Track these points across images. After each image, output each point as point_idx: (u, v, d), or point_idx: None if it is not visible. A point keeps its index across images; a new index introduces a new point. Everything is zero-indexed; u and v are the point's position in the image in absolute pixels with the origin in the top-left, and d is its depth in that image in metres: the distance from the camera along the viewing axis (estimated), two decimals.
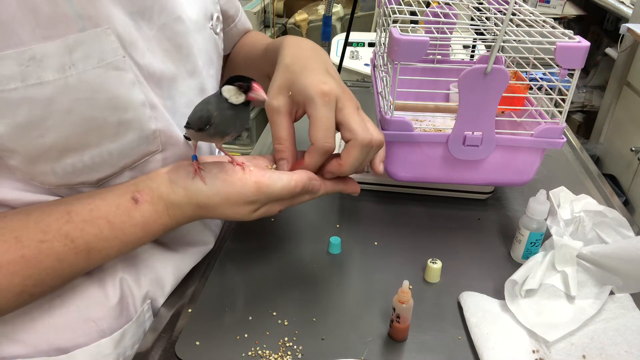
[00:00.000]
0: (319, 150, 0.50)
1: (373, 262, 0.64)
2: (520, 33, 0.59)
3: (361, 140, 0.49)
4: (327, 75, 0.51)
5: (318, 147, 0.49)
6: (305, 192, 0.51)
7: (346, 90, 0.52)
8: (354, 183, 0.56)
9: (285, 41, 0.58)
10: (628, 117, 2.03)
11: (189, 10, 0.54)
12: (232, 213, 0.49)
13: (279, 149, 0.52)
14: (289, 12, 2.65)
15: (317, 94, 0.49)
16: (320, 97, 0.49)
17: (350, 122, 0.50)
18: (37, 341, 0.49)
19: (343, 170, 0.51)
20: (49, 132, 0.41)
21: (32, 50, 0.38)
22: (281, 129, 0.52)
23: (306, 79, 0.50)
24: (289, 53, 0.55)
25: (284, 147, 0.52)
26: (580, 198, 0.65)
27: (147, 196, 0.48)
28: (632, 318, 0.54)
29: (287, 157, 0.52)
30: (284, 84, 0.52)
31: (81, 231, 0.45)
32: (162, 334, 0.54)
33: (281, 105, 0.51)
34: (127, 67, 0.44)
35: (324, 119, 0.49)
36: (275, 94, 0.52)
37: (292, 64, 0.53)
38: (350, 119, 0.50)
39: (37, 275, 0.43)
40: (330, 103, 0.49)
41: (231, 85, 0.45)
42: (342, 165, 0.51)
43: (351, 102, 0.51)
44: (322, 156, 0.50)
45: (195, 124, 0.46)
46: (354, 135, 0.49)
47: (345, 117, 0.50)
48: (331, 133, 0.49)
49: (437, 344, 0.52)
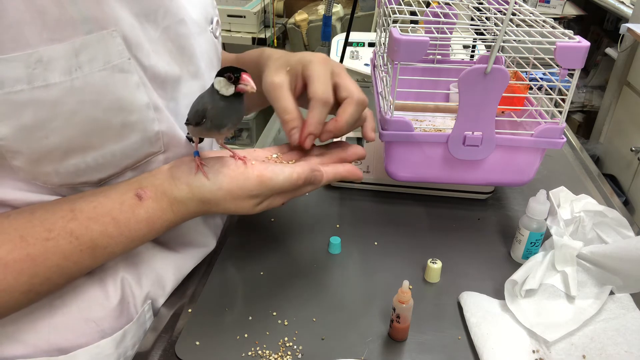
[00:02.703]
0: (319, 101, 0.52)
1: (373, 262, 0.64)
2: (520, 33, 0.59)
3: (357, 97, 0.54)
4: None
5: (319, 98, 0.52)
6: (307, 183, 0.51)
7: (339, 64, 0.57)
8: (355, 169, 0.56)
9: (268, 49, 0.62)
10: (628, 117, 2.03)
11: (192, 12, 0.54)
12: (236, 207, 0.49)
13: (288, 119, 0.54)
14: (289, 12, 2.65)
15: (313, 56, 0.55)
16: (316, 58, 0.55)
17: (346, 83, 0.54)
18: (38, 341, 0.49)
19: (339, 126, 0.54)
20: (54, 133, 0.42)
21: (39, 53, 0.38)
22: (286, 100, 0.54)
23: (301, 55, 0.56)
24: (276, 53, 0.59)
25: (292, 117, 0.53)
26: (580, 198, 0.65)
27: (150, 193, 0.48)
28: (632, 318, 0.54)
29: (297, 124, 0.54)
30: (281, 65, 0.56)
31: (86, 228, 0.45)
32: (162, 334, 0.54)
33: (282, 80, 0.54)
34: (132, 69, 0.44)
35: (322, 75, 0.53)
36: (274, 73, 0.55)
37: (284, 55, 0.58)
38: (346, 80, 0.55)
39: (43, 273, 0.44)
40: (326, 64, 0.55)
41: (221, 77, 0.45)
42: (338, 121, 0.54)
43: (344, 70, 0.56)
44: (323, 108, 0.53)
45: (193, 119, 0.47)
46: (350, 93, 0.54)
47: (341, 79, 0.55)
48: (329, 88, 0.53)
49: (437, 344, 0.52)
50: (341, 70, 0.55)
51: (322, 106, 0.53)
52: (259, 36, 2.37)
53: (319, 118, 0.53)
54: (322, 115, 0.53)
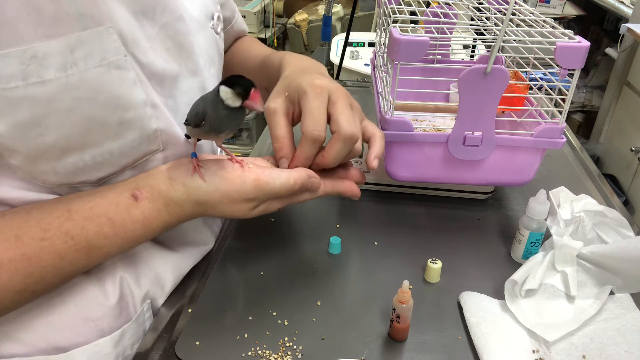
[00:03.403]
0: (308, 138, 0.51)
1: (373, 262, 0.64)
2: (520, 33, 0.59)
3: (344, 133, 0.50)
4: (321, 76, 0.54)
5: (307, 135, 0.50)
6: (304, 190, 0.51)
7: (341, 88, 0.54)
8: (354, 186, 0.56)
9: (286, 57, 0.60)
10: (628, 117, 2.03)
11: (191, 9, 0.54)
12: (232, 210, 0.49)
13: (277, 147, 0.53)
14: (289, 12, 2.65)
15: (310, 86, 0.51)
16: (312, 89, 0.51)
17: (338, 115, 0.51)
18: (36, 340, 0.49)
19: (325, 161, 0.52)
20: (50, 131, 0.41)
21: (34, 49, 0.38)
22: (279, 128, 0.53)
23: (301, 79, 0.53)
24: (289, 67, 0.58)
25: (282, 145, 0.53)
26: (580, 198, 0.64)
27: (146, 193, 0.48)
28: (632, 318, 0.54)
29: (286, 154, 0.53)
30: (282, 89, 0.54)
31: (82, 229, 0.45)
32: (162, 334, 0.54)
33: (277, 106, 0.53)
34: (128, 66, 0.44)
35: (315, 109, 0.51)
36: (273, 98, 0.54)
37: (291, 74, 0.56)
38: (339, 112, 0.51)
39: (39, 273, 0.43)
40: (322, 95, 0.51)
41: (230, 88, 0.44)
42: (324, 157, 0.52)
43: (344, 98, 0.53)
44: (312, 145, 0.51)
45: (192, 120, 0.47)
46: (338, 127, 0.51)
47: (336, 110, 0.52)
48: (321, 123, 0.51)
49: (437, 344, 0.52)
50: (338, 98, 0.52)
51: (312, 143, 0.51)
52: (259, 36, 2.38)
53: (306, 155, 0.52)
54: (311, 152, 0.52)
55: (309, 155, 0.52)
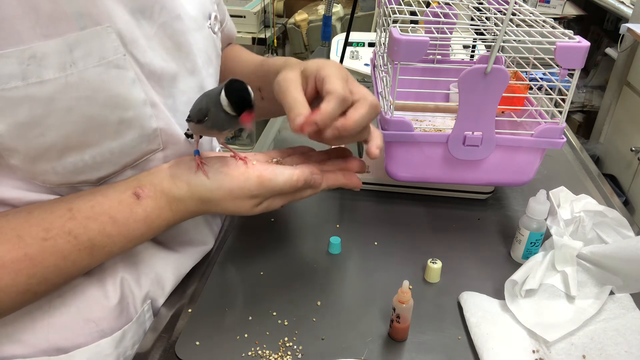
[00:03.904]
0: (338, 97, 0.47)
1: (373, 262, 0.64)
2: (520, 33, 0.59)
3: (371, 100, 0.49)
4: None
5: (338, 94, 0.47)
6: (307, 186, 0.51)
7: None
8: (354, 177, 0.56)
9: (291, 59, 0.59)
10: (628, 117, 2.03)
11: (189, 8, 0.54)
12: (235, 207, 0.49)
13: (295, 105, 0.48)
14: (289, 12, 2.65)
15: (328, 63, 0.51)
16: (332, 63, 0.51)
17: (360, 89, 0.50)
18: (37, 341, 0.49)
19: (348, 124, 0.48)
20: (50, 131, 0.41)
21: (33, 49, 0.38)
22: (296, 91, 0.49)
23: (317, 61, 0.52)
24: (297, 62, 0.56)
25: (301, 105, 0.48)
26: (580, 198, 0.65)
27: (149, 191, 0.48)
28: (632, 318, 0.54)
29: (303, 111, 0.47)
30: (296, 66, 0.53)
31: (84, 228, 0.45)
32: (162, 334, 0.54)
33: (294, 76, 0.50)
34: (127, 65, 0.44)
35: (340, 76, 0.49)
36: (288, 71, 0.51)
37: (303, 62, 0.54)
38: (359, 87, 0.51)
39: (41, 273, 0.43)
40: (342, 69, 0.51)
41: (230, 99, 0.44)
42: (347, 119, 0.48)
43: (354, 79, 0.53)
44: (339, 104, 0.47)
45: (195, 116, 0.47)
46: (364, 96, 0.49)
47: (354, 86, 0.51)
48: (347, 88, 0.48)
49: (437, 344, 0.52)
50: (353, 78, 0.52)
51: (339, 102, 0.47)
52: (259, 36, 2.37)
53: (331, 111, 0.47)
54: (336, 111, 0.47)
55: (333, 114, 0.47)
